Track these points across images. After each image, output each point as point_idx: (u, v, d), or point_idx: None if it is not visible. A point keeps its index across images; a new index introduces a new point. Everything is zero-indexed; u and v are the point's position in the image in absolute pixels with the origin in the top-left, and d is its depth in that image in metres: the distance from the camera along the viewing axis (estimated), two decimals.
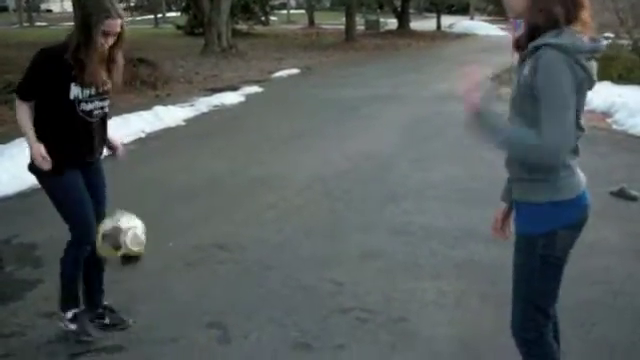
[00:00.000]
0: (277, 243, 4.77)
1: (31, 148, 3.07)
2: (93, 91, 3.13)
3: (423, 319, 3.59)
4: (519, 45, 2.22)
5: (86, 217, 3.23)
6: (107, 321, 3.47)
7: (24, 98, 3.09)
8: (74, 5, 13.43)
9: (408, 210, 5.50)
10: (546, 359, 2.34)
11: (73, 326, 3.31)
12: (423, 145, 8.10)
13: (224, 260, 4.47)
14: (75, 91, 3.06)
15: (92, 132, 3.20)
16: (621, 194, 5.68)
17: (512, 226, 2.40)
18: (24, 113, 3.09)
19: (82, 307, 3.38)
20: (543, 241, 2.21)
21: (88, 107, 3.13)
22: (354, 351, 3.29)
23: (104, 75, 3.13)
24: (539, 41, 2.08)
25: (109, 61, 3.14)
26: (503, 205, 2.51)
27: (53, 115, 3.10)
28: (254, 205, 5.69)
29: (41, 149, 3.03)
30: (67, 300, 3.33)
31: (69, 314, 3.32)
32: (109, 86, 3.22)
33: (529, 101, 2.11)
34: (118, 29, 3.03)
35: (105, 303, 3.53)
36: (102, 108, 3.22)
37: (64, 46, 3.03)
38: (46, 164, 3.03)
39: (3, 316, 3.62)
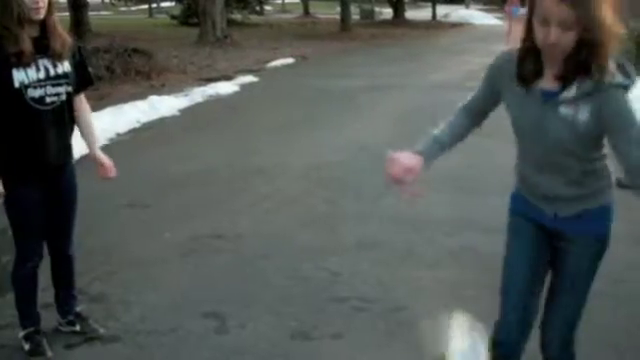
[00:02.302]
0: (273, 233, 4.77)
1: None
2: (42, 74, 2.85)
3: (420, 307, 3.60)
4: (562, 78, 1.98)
5: (27, 241, 3.11)
6: (77, 328, 3.33)
7: None
8: None
9: (404, 199, 5.49)
10: None
11: (26, 345, 3.16)
12: (419, 134, 8.06)
13: (220, 250, 4.46)
14: (19, 77, 2.79)
15: (47, 126, 2.91)
16: (619, 183, 5.68)
17: None
18: None
19: (38, 326, 3.22)
20: (607, 242, 2.22)
21: (37, 93, 2.84)
22: (351, 340, 3.29)
23: (30, 46, 2.80)
24: (606, 82, 1.90)
25: (45, 31, 2.88)
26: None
27: (2, 114, 2.85)
28: (250, 195, 5.68)
29: None
30: (21, 318, 3.21)
31: (21, 333, 3.19)
32: (64, 69, 2.95)
33: (588, 142, 2.06)
34: None
35: (77, 309, 3.38)
36: (57, 95, 2.91)
37: None
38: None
39: None
